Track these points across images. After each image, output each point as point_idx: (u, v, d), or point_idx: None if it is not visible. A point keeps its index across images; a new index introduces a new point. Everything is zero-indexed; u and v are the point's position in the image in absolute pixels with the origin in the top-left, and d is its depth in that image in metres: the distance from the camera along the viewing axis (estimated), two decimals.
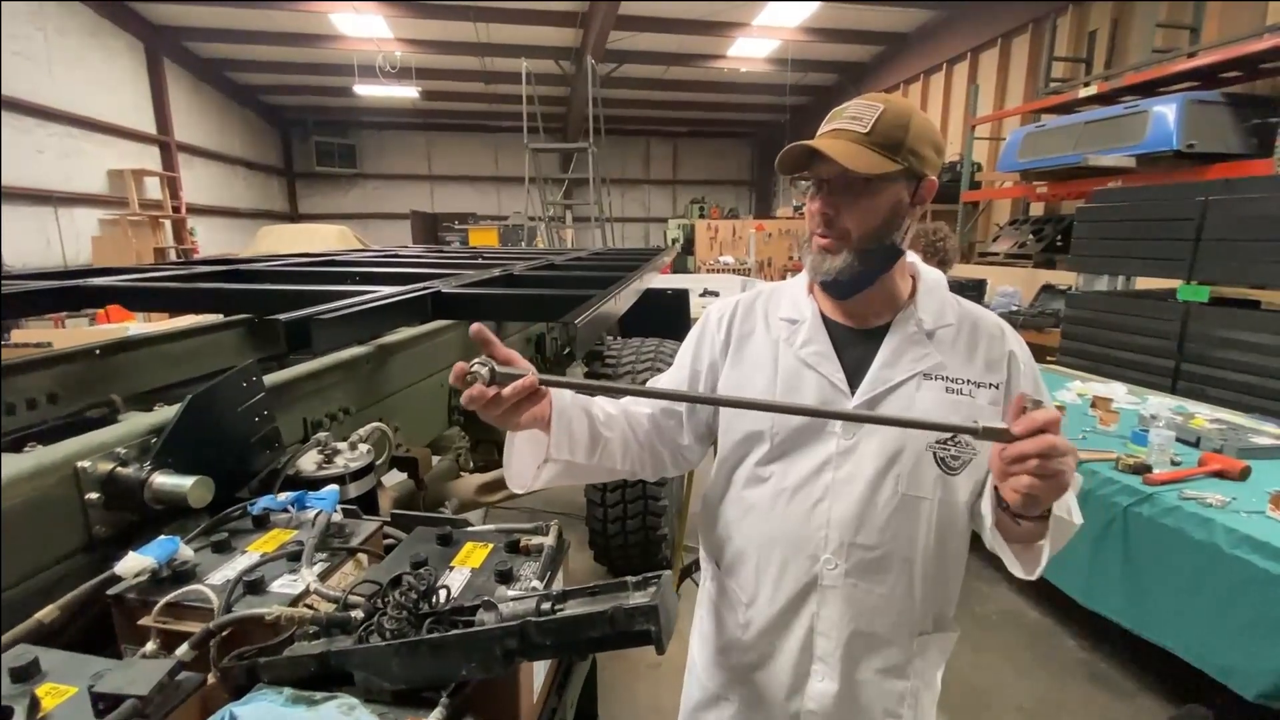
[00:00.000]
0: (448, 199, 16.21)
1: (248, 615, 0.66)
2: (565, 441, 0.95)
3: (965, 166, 7.50)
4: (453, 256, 3.29)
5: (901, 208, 0.93)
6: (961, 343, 0.98)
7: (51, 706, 0.58)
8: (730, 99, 13.97)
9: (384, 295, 1.45)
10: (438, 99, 13.35)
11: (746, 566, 1.03)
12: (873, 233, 0.92)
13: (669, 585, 0.61)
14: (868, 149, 0.88)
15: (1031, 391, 0.97)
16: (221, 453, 1.04)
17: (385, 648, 0.60)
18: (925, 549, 0.97)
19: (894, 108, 0.91)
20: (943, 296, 1.02)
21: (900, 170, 0.89)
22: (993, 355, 0.98)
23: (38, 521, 0.81)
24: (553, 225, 10.47)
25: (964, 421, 0.81)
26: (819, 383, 0.98)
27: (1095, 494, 2.15)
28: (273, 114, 14.63)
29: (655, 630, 0.54)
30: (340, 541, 0.89)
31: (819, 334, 1.00)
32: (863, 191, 0.90)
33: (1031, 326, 5.12)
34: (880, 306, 1.00)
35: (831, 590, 0.97)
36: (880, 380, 0.96)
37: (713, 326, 1.10)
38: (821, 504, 0.96)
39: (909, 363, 0.96)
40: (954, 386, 0.96)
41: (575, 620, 0.56)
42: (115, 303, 1.67)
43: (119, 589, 0.76)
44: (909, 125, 0.90)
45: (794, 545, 0.98)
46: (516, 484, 0.99)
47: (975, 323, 1.00)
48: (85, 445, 0.88)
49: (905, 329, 0.98)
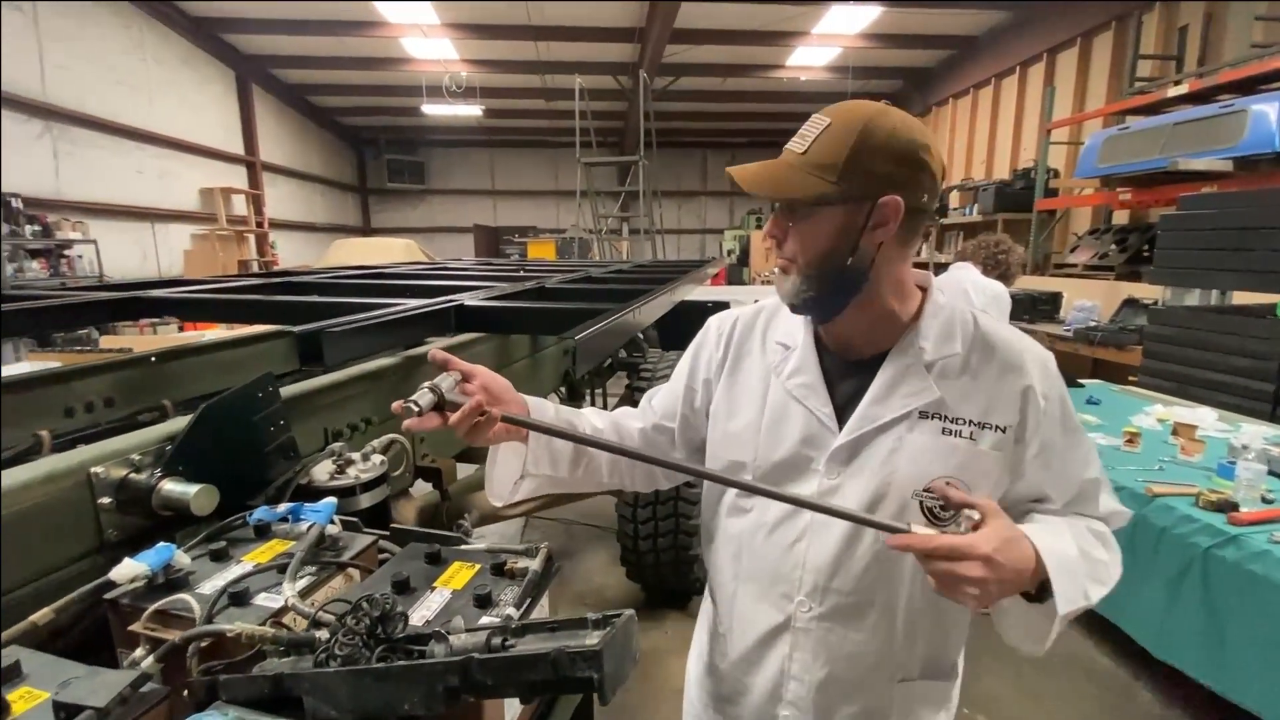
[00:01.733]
0: (509, 213, 16.69)
1: (211, 630, 0.65)
2: (545, 456, 0.94)
3: (1040, 173, 7.10)
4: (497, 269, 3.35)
5: (851, 231, 0.83)
6: (970, 375, 0.88)
7: (20, 711, 0.59)
8: (789, 108, 13.78)
9: (406, 308, 1.47)
10: (500, 116, 13.80)
11: (724, 595, 1.01)
12: (817, 258, 0.85)
13: (627, 628, 0.56)
14: (800, 171, 0.82)
15: (1059, 428, 0.89)
16: (234, 461, 1.06)
17: (334, 674, 0.58)
18: (910, 597, 0.91)
19: (841, 122, 0.82)
20: (952, 320, 0.90)
21: (836, 191, 0.81)
22: (1007, 391, 0.87)
23: (51, 524, 0.85)
24: (608, 237, 10.57)
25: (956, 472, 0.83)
26: (806, 418, 0.92)
27: (1171, 533, 1.94)
28: (348, 134, 15.50)
29: (598, 678, 0.50)
30: (332, 555, 0.89)
31: (809, 364, 0.94)
32: (801, 216, 0.85)
33: (1111, 343, 4.75)
34: (875, 333, 0.91)
35: (804, 633, 0.93)
36: (868, 418, 0.88)
37: (711, 342, 1.05)
38: (799, 544, 0.92)
39: (903, 398, 0.88)
40: (951, 428, 0.87)
41: (517, 661, 0.53)
42: (170, 313, 1.77)
43: (114, 594, 0.78)
44: (853, 142, 0.80)
45: (769, 583, 0.94)
46: (494, 496, 0.99)
47: (991, 351, 0.89)
48: (100, 451, 0.91)
49: (903, 359, 0.89)
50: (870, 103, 0.86)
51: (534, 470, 0.93)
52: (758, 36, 9.67)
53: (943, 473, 0.86)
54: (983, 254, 3.15)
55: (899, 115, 0.84)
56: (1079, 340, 5.06)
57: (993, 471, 0.88)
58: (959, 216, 8.72)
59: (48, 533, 0.85)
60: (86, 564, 0.89)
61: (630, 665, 0.55)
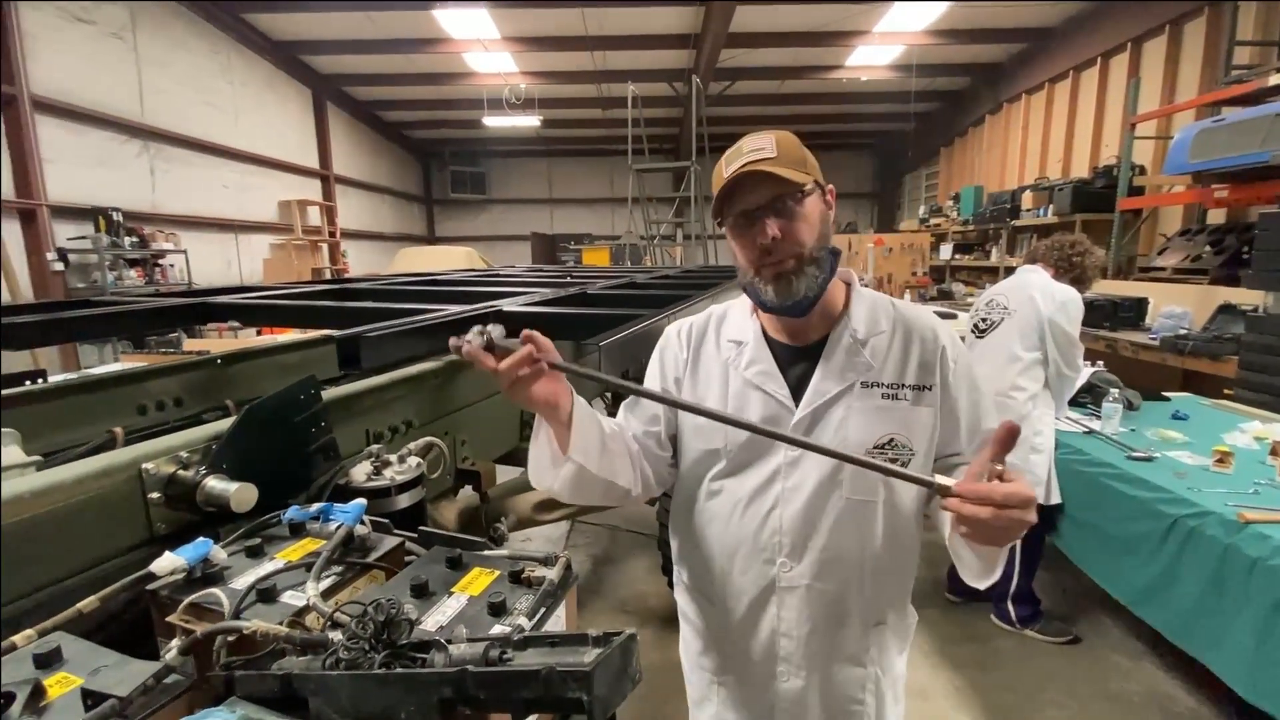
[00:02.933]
0: (565, 220, 16.97)
1: (230, 626, 0.67)
2: (580, 444, 0.99)
3: (1123, 170, 6.63)
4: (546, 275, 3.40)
5: (826, 215, 1.02)
6: (896, 348, 1.04)
7: (54, 696, 0.62)
8: (849, 109, 13.46)
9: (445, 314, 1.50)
10: (557, 126, 14.07)
11: (713, 573, 1.11)
12: (820, 240, 1.00)
13: (625, 648, 0.54)
14: (786, 168, 0.96)
15: (965, 385, 1.04)
16: (276, 461, 1.10)
17: (338, 677, 0.59)
18: (875, 547, 1.04)
19: (781, 135, 1.00)
20: (874, 305, 1.07)
21: (811, 182, 0.99)
22: (926, 357, 1.03)
23: (105, 516, 0.90)
24: (662, 243, 10.57)
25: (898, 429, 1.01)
26: (765, 400, 1.05)
27: (1266, 564, 1.75)
28: (414, 147, 16.16)
29: (588, 700, 0.48)
30: (359, 556, 0.91)
31: (762, 353, 1.07)
32: (797, 208, 0.98)
33: (1203, 353, 4.36)
34: (817, 321, 1.06)
35: (789, 592, 1.05)
36: (819, 393, 1.02)
37: (674, 345, 1.17)
38: (774, 512, 1.04)
39: (845, 373, 1.02)
40: (889, 393, 1.02)
41: (509, 676, 0.51)
42: (234, 318, 1.88)
43: (155, 586, 0.82)
44: (797, 145, 1.00)
45: (751, 551, 1.06)
46: (536, 479, 1.07)
47: (909, 327, 1.05)
48: (152, 449, 0.96)
49: (840, 341, 1.04)
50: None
51: (573, 455, 0.98)
52: (816, 38, 9.47)
53: (887, 431, 1.01)
54: (1055, 255, 2.92)
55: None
56: (1166, 349, 4.67)
57: (928, 424, 1.03)
58: (1032, 218, 8.24)
59: (101, 524, 0.89)
60: (136, 555, 0.94)
61: (628, 687, 0.53)
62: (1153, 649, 2.66)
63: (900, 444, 1.00)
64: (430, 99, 12.68)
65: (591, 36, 9.23)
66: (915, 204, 14.72)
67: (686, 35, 9.49)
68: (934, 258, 10.82)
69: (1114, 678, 2.51)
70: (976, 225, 9.85)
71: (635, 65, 10.42)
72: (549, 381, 0.94)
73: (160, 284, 7.40)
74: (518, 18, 8.91)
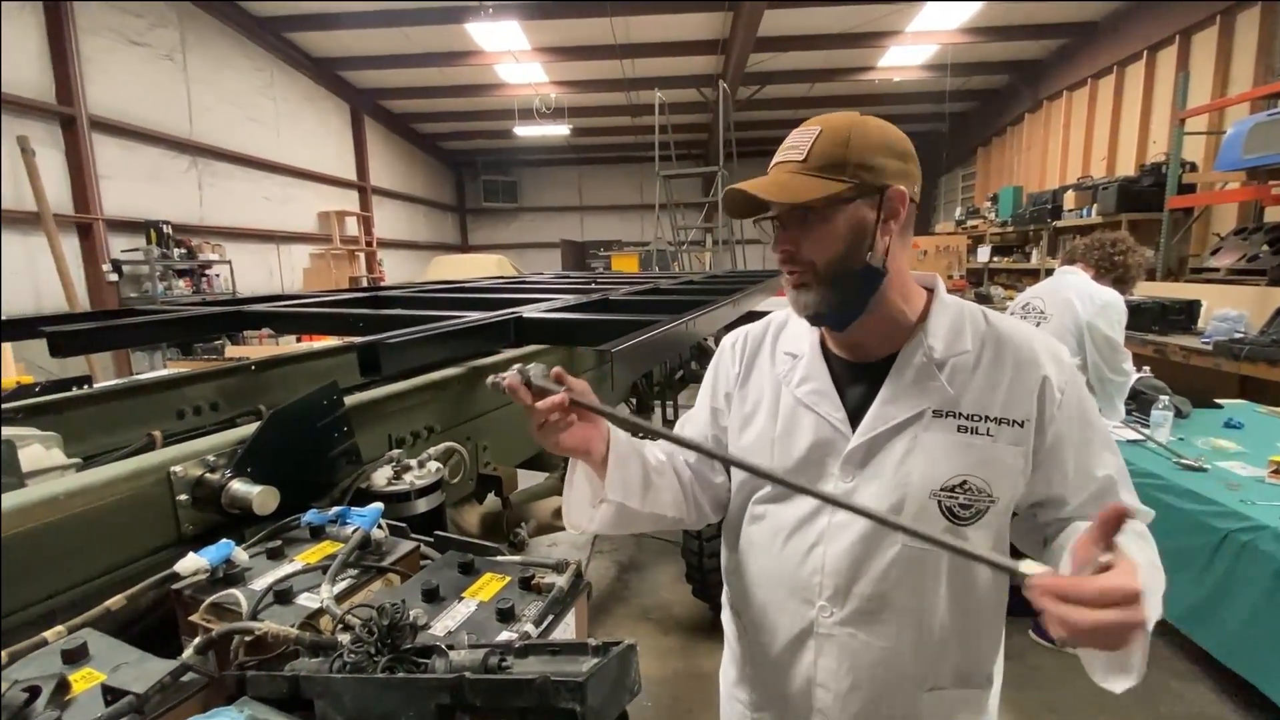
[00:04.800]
0: (595, 227, 17.10)
1: (242, 626, 0.68)
2: (619, 483, 0.93)
3: (1172, 167, 6.37)
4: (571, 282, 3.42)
5: (866, 227, 0.85)
6: (983, 372, 0.88)
7: (78, 691, 0.65)
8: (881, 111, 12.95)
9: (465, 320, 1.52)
10: (587, 134, 14.20)
11: (752, 603, 1.02)
12: (837, 259, 0.86)
13: (623, 658, 0.53)
14: (806, 176, 0.84)
15: (1074, 421, 0.88)
16: (299, 464, 1.13)
17: (342, 679, 0.59)
18: (936, 602, 0.90)
19: (832, 126, 0.86)
20: (959, 317, 0.91)
21: (849, 188, 0.83)
22: (1022, 385, 0.87)
23: (136, 517, 0.93)
24: (690, 249, 10.56)
25: (974, 469, 0.84)
26: (817, 424, 0.93)
27: None
28: (448, 157, 16.50)
29: (580, 710, 0.47)
30: (374, 559, 0.92)
31: (817, 370, 0.95)
32: (815, 220, 0.86)
33: (1261, 358, 4.14)
34: (883, 335, 0.91)
35: (828, 639, 0.93)
36: (881, 418, 0.89)
37: (726, 359, 1.08)
38: (817, 548, 0.92)
39: (915, 398, 0.88)
40: (968, 425, 0.86)
41: (505, 685, 0.51)
42: (269, 326, 1.94)
43: (179, 585, 0.84)
44: (849, 140, 0.84)
45: (790, 588, 0.95)
46: (572, 522, 0.99)
47: (1002, 346, 0.89)
48: (181, 452, 0.99)
49: (912, 359, 0.89)
50: (846, 111, 0.89)
51: (610, 496, 0.92)
52: (847, 39, 9.37)
53: (960, 471, 0.86)
54: (1095, 255, 2.79)
55: (875, 118, 0.89)
56: (1220, 354, 4.45)
57: (1013, 468, 0.87)
58: (1074, 219, 7.97)
59: (132, 525, 0.93)
60: (165, 555, 0.97)
61: (625, 698, 0.52)
62: (1202, 669, 2.53)
63: (975, 488, 0.85)
64: (463, 110, 12.95)
65: (620, 45, 9.30)
66: (951, 206, 14.39)
67: (715, 41, 9.50)
68: (971, 260, 10.55)
69: (1162, 699, 2.39)
70: (1016, 227, 9.58)
71: (663, 72, 10.46)
72: (583, 427, 0.88)
73: (206, 293, 7.70)
74: (548, 29, 9.04)
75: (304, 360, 2.11)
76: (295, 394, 2.06)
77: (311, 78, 10.29)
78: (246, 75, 8.91)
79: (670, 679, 2.47)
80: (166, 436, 1.59)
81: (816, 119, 0.88)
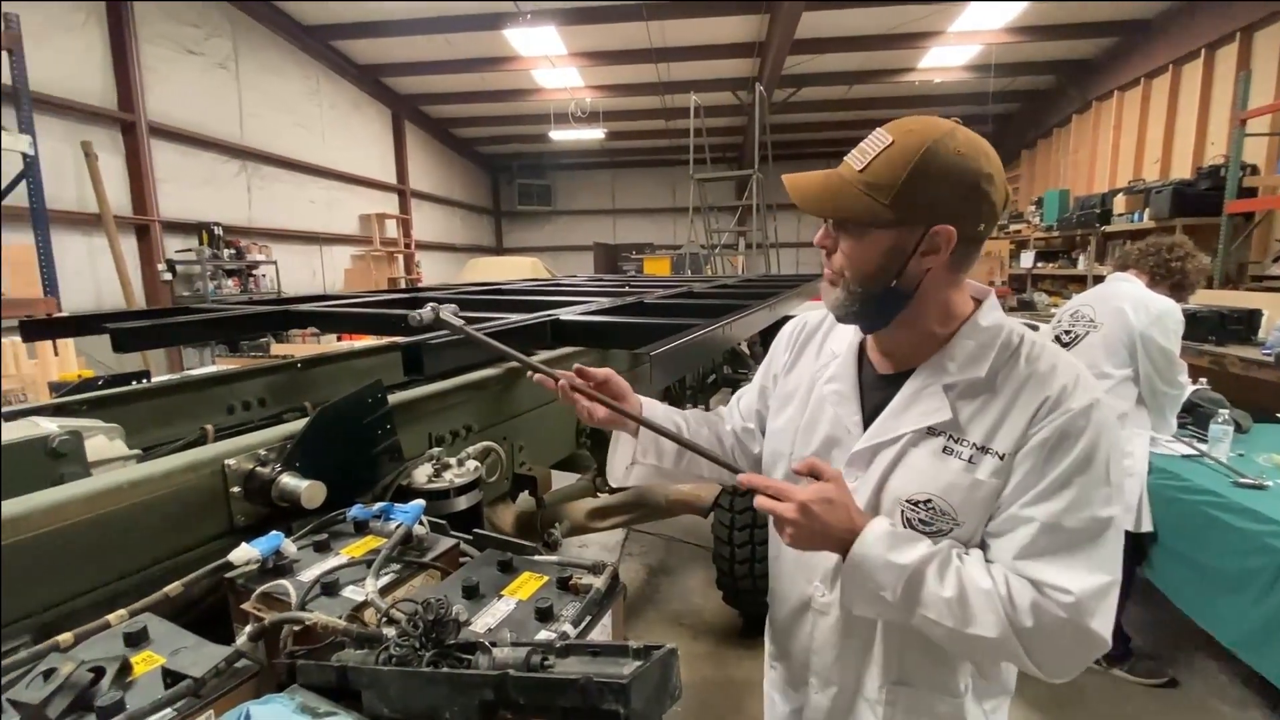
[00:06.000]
0: (628, 230, 17.16)
1: (294, 616, 0.71)
2: (652, 449, 1.11)
3: (1232, 170, 6.09)
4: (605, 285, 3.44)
5: (900, 254, 0.85)
6: (988, 399, 0.88)
7: (139, 673, 0.67)
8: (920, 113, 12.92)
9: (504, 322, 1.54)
10: (621, 138, 14.27)
11: (773, 571, 1.15)
12: (864, 277, 0.88)
13: (665, 662, 0.53)
14: (856, 189, 0.84)
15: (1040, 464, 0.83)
16: (344, 460, 1.16)
17: (388, 672, 0.61)
18: None
19: (902, 144, 0.82)
20: (989, 341, 0.89)
21: (889, 216, 0.82)
22: (1017, 415, 0.85)
23: (191, 507, 0.97)
24: (723, 252, 10.51)
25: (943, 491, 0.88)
26: (835, 422, 1.00)
27: None
28: (484, 161, 16.78)
29: (623, 713, 0.47)
30: (416, 555, 0.94)
31: (845, 373, 1.01)
32: (853, 231, 0.87)
33: None
34: (913, 347, 0.94)
35: (821, 615, 1.04)
36: (883, 429, 0.94)
37: (782, 345, 1.16)
38: None
39: (917, 415, 0.91)
40: (953, 447, 0.88)
41: (548, 683, 0.52)
42: (315, 325, 2.00)
43: (232, 575, 0.87)
44: (911, 164, 0.80)
45: (796, 563, 1.07)
46: (612, 479, 1.18)
47: (1019, 375, 0.87)
48: (234, 446, 1.03)
49: (925, 378, 0.92)
50: (938, 122, 0.85)
51: (642, 459, 1.10)
52: (886, 40, 9.22)
53: (927, 490, 0.89)
54: (1150, 261, 2.67)
55: (965, 139, 0.83)
56: None
57: (984, 498, 0.87)
58: (1125, 223, 7.67)
59: (189, 514, 0.97)
60: (217, 545, 1.00)
61: (668, 702, 0.52)
62: (1261, 697, 2.40)
63: (938, 509, 0.87)
64: (500, 115, 13.15)
65: (655, 48, 9.32)
66: None
67: (751, 43, 9.44)
68: (1014, 266, 10.26)
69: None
70: (1061, 231, 9.28)
71: (699, 75, 10.45)
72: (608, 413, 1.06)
73: (253, 292, 7.98)
74: (584, 34, 9.12)
75: (346, 359, 2.17)
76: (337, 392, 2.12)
77: (356, 84, 10.59)
78: (294, 82, 9.22)
79: (699, 685, 2.45)
80: (217, 430, 1.66)
81: (899, 125, 0.85)
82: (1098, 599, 0.79)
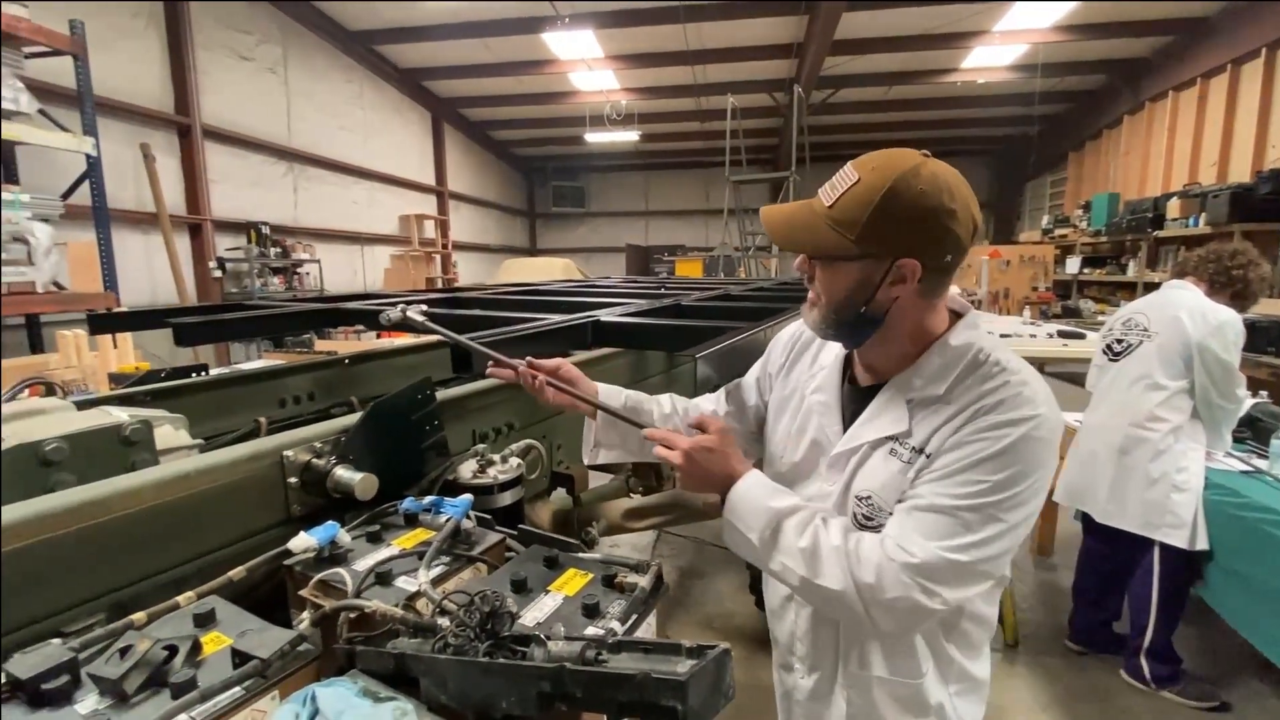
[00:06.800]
0: (660, 232, 17.18)
1: (354, 604, 0.73)
2: (613, 430, 1.22)
3: None
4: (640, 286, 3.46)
5: (868, 284, 0.91)
6: (946, 410, 0.93)
7: (208, 652, 0.71)
8: (964, 114, 12.69)
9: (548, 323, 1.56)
10: (656, 140, 14.29)
11: None
12: (836, 303, 0.95)
13: (719, 662, 0.54)
14: (824, 223, 0.90)
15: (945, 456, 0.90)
16: (394, 454, 1.19)
17: (445, 660, 0.62)
18: None
19: (868, 183, 0.86)
20: (954, 360, 0.94)
21: (855, 250, 0.88)
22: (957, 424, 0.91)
23: (253, 495, 1.01)
24: (757, 255, 10.44)
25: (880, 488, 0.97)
26: (817, 429, 1.08)
27: None
28: (520, 163, 16.99)
29: (681, 710, 0.48)
30: (464, 548, 0.96)
31: (830, 385, 1.09)
32: (825, 263, 0.95)
33: None
34: (887, 365, 1.01)
35: (802, 605, 1.14)
36: (852, 438, 1.02)
37: (780, 346, 1.24)
38: None
39: (881, 425, 0.99)
40: (898, 450, 0.96)
41: (606, 678, 0.53)
42: (361, 323, 2.05)
43: (290, 561, 0.91)
44: (873, 203, 0.85)
45: None
46: (585, 460, 1.29)
47: (968, 389, 0.92)
48: (292, 438, 1.07)
49: (891, 392, 0.99)
50: (904, 158, 0.87)
51: (603, 441, 1.22)
52: (929, 40, 9.04)
53: (869, 488, 0.98)
54: (1210, 269, 2.55)
55: (931, 173, 0.86)
56: None
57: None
58: (1179, 228, 7.37)
59: (250, 502, 1.00)
60: (275, 533, 1.04)
61: (721, 701, 0.53)
62: None
63: (876, 505, 0.97)
64: (536, 118, 13.31)
65: (692, 51, 9.32)
66: (1037, 214, 13.62)
67: (788, 45, 9.37)
68: (1059, 271, 9.95)
69: None
70: (1110, 236, 8.97)
71: (735, 77, 10.41)
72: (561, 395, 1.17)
73: (297, 290, 8.22)
74: (621, 37, 9.17)
75: (391, 357, 2.22)
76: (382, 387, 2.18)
77: (397, 88, 10.84)
78: (339, 87, 9.48)
79: None
80: (270, 423, 1.72)
81: (866, 161, 0.89)
82: (942, 573, 0.85)
